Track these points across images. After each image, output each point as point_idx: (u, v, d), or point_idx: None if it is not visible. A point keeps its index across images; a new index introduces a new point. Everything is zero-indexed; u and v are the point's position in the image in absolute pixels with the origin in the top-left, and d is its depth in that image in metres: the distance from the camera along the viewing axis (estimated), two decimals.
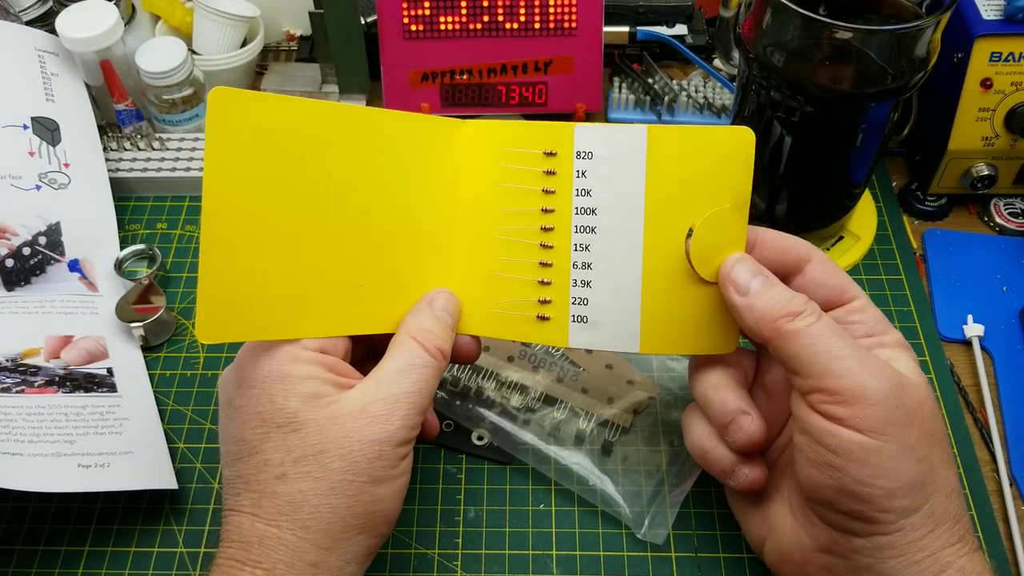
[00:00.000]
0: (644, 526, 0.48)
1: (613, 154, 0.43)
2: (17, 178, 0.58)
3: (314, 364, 0.39)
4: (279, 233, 0.40)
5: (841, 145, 0.54)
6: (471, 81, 0.68)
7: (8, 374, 0.52)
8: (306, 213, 0.41)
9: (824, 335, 0.37)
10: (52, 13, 0.68)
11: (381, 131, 0.42)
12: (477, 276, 0.45)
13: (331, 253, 0.41)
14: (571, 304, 0.44)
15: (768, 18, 0.49)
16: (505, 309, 0.44)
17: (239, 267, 0.39)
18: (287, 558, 0.36)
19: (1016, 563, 0.47)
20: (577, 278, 0.44)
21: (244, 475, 0.38)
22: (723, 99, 0.70)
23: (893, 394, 0.36)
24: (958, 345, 0.57)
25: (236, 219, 0.39)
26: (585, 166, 0.43)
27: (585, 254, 0.44)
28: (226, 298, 0.39)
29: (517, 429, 0.51)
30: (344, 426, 0.37)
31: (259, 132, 0.39)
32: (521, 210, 0.44)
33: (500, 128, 0.45)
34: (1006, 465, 0.51)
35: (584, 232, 0.44)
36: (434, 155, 0.44)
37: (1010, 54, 0.56)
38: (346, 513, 0.37)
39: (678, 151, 0.42)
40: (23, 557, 0.49)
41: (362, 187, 0.42)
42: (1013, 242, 0.62)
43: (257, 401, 0.38)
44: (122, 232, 0.63)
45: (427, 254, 0.44)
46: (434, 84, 0.68)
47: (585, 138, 0.43)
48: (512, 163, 0.44)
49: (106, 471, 0.48)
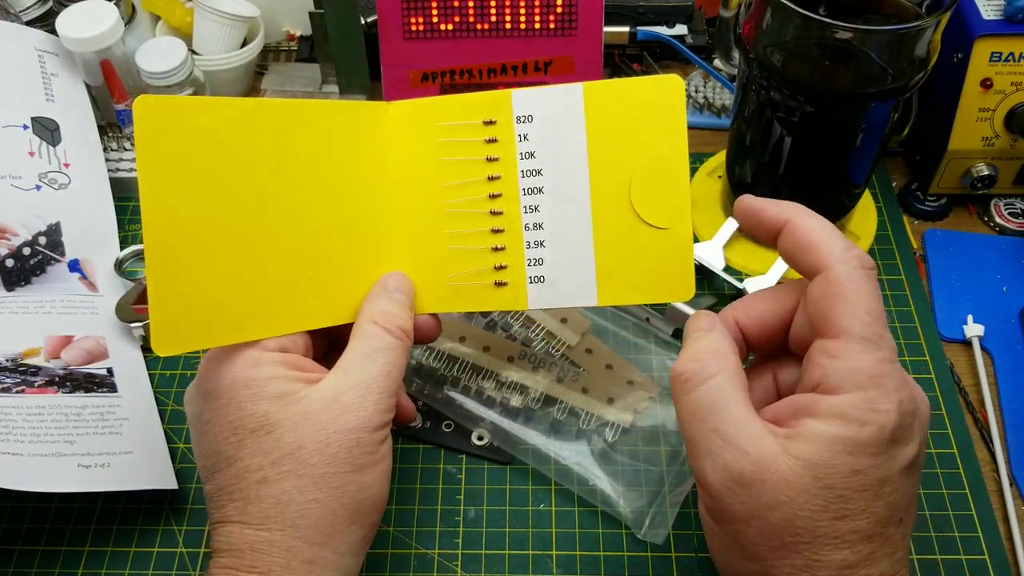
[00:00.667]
0: (644, 526, 0.48)
1: (552, 114, 0.43)
2: (17, 178, 0.58)
3: (276, 364, 0.38)
4: (222, 235, 0.40)
5: (841, 145, 0.54)
6: (471, 81, 0.68)
7: (8, 374, 0.52)
8: (246, 212, 0.40)
9: (689, 410, 0.36)
10: (52, 13, 0.68)
11: (307, 122, 0.42)
12: (429, 253, 0.45)
13: (276, 250, 0.41)
14: (527, 266, 0.44)
15: (768, 18, 0.49)
16: (461, 280, 0.45)
17: (187, 275, 0.39)
18: (281, 559, 0.36)
19: (1016, 563, 0.47)
20: (530, 239, 0.44)
21: (225, 486, 0.37)
22: (723, 99, 0.70)
23: (728, 489, 0.34)
24: (958, 345, 0.57)
25: (177, 227, 0.39)
26: (526, 129, 0.44)
27: (535, 215, 0.44)
28: (178, 309, 0.38)
29: (517, 429, 0.51)
30: (318, 420, 0.37)
31: (188, 136, 0.39)
32: (466, 181, 0.44)
33: (431, 105, 0.45)
34: (1006, 465, 0.51)
35: (532, 194, 0.44)
36: (364, 140, 0.44)
37: (1010, 54, 0.56)
38: (334, 505, 0.37)
39: (614, 104, 0.43)
40: (23, 557, 0.49)
41: (298, 180, 0.42)
42: (1013, 242, 0.62)
43: (225, 411, 0.37)
44: (122, 232, 0.63)
45: (373, 239, 0.44)
46: (434, 84, 0.68)
47: (523, 103, 0.44)
48: (450, 136, 0.44)
49: (106, 471, 0.48)
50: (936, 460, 0.51)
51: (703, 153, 0.68)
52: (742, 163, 0.58)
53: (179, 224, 0.38)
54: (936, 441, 0.52)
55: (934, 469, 0.51)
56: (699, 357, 0.36)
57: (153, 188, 0.38)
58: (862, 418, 0.33)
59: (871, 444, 0.33)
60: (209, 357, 0.39)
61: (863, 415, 0.33)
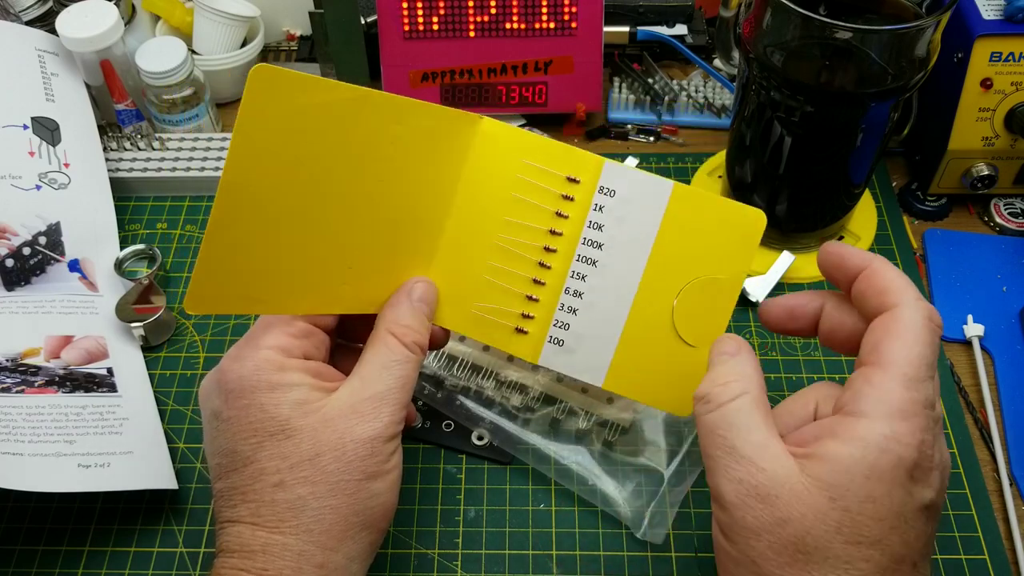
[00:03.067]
0: (644, 526, 0.48)
1: (635, 198, 0.44)
2: (17, 178, 0.58)
3: (301, 371, 0.39)
4: (285, 210, 0.40)
5: (841, 145, 0.54)
6: (471, 81, 0.68)
7: (8, 374, 0.52)
8: (314, 192, 0.41)
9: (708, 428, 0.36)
10: (52, 13, 0.68)
11: (402, 119, 0.43)
12: (466, 275, 0.45)
13: (327, 234, 0.41)
14: (552, 325, 0.45)
15: (768, 18, 0.49)
16: (485, 312, 0.45)
17: (240, 242, 0.39)
18: (293, 562, 0.36)
19: (1016, 563, 0.47)
20: (565, 303, 0.45)
21: (239, 486, 0.38)
22: (723, 99, 0.70)
23: (741, 501, 0.34)
24: (958, 345, 0.57)
25: (249, 194, 0.39)
26: (604, 201, 0.44)
27: (580, 283, 0.45)
28: (222, 271, 0.39)
29: (517, 429, 0.51)
30: (336, 428, 0.38)
31: (291, 110, 0.39)
32: (528, 224, 0.45)
33: (522, 137, 0.45)
34: (1006, 465, 0.51)
35: (585, 263, 0.45)
36: (447, 146, 0.44)
37: (1010, 54, 0.56)
38: (347, 512, 0.37)
39: (695, 214, 0.44)
40: (23, 557, 0.49)
41: (371, 172, 0.42)
42: (1013, 242, 0.62)
43: (247, 412, 0.38)
44: (122, 232, 0.63)
45: (418, 243, 0.45)
46: (434, 84, 0.68)
47: (612, 175, 0.44)
48: (530, 176, 0.45)
49: (106, 471, 0.48)
50: None
51: (703, 153, 0.68)
52: (742, 163, 0.59)
53: (252, 192, 0.39)
54: None
55: None
56: (723, 380, 0.37)
57: (242, 153, 0.38)
58: (882, 445, 0.33)
59: (888, 472, 0.33)
60: (232, 356, 0.40)
61: (883, 443, 0.33)
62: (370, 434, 0.38)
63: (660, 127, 0.70)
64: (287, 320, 0.41)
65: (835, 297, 0.40)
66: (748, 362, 0.38)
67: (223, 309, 0.40)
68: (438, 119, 0.44)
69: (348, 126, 0.41)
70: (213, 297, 0.39)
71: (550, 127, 0.69)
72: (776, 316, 0.41)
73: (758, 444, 0.35)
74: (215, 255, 0.38)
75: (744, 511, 0.34)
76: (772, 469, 0.34)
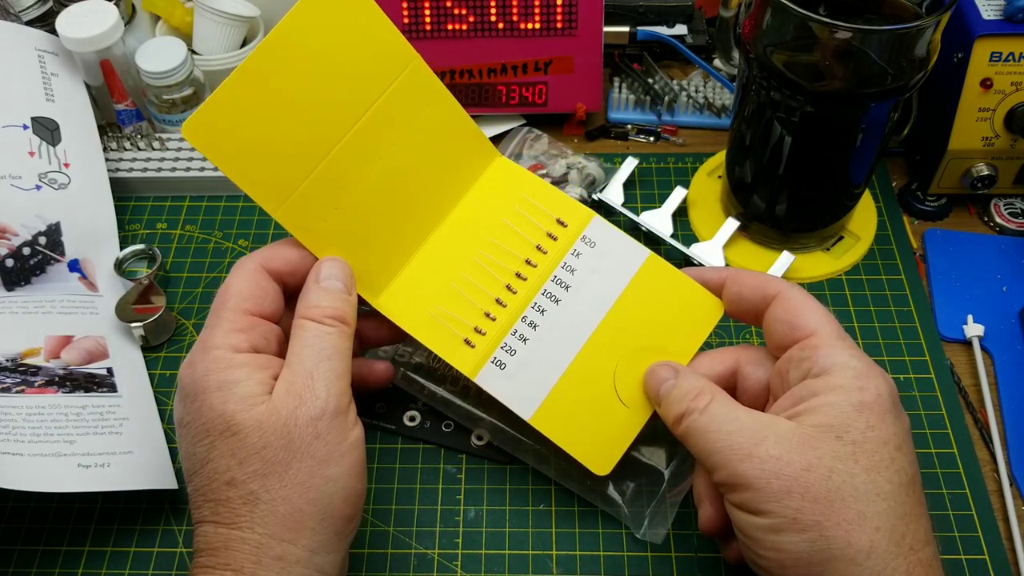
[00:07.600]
0: (644, 526, 0.48)
1: (610, 254, 0.47)
2: (17, 178, 0.58)
3: (248, 366, 0.39)
4: (299, 115, 0.42)
5: (841, 145, 0.54)
6: (471, 81, 0.68)
7: (8, 374, 0.52)
8: (329, 116, 0.43)
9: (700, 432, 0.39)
10: (52, 13, 0.68)
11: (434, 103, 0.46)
12: (437, 275, 0.47)
13: (328, 162, 0.43)
14: (499, 347, 0.46)
15: (768, 18, 0.49)
16: (442, 317, 0.46)
17: (252, 108, 0.41)
18: (252, 556, 0.37)
19: (1016, 563, 0.47)
20: (519, 330, 0.46)
21: (201, 487, 0.38)
22: (723, 99, 0.70)
23: (761, 470, 0.37)
24: (958, 345, 0.57)
25: (275, 77, 0.41)
26: (583, 249, 0.48)
27: (538, 315, 0.46)
28: (225, 121, 0.41)
29: (517, 429, 0.51)
30: (279, 416, 0.38)
31: (341, 24, 0.42)
32: (509, 250, 0.47)
33: (528, 178, 0.49)
34: (1006, 465, 0.51)
35: (549, 298, 0.47)
36: (462, 163, 0.48)
37: (1010, 54, 0.56)
38: (300, 501, 0.37)
39: (661, 285, 0.47)
40: (23, 557, 0.49)
41: (387, 131, 0.44)
42: (1013, 242, 0.62)
43: (200, 414, 0.38)
44: (122, 232, 0.63)
45: (406, 230, 0.46)
46: None
47: (597, 229, 0.48)
48: (524, 209, 0.48)
49: (106, 471, 0.48)
50: (936, 460, 0.51)
51: (703, 153, 0.68)
52: (742, 163, 0.59)
53: (278, 75, 0.42)
54: (936, 441, 0.52)
55: (934, 469, 0.51)
56: (692, 393, 0.41)
57: (281, 38, 0.41)
58: (859, 384, 0.38)
59: (875, 405, 0.37)
60: (187, 362, 0.40)
61: (858, 383, 0.38)
62: (311, 414, 0.38)
63: (660, 127, 0.70)
64: (231, 317, 0.41)
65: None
66: (692, 374, 0.43)
67: (209, 152, 0.41)
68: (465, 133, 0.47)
69: (384, 71, 0.43)
70: (207, 135, 0.41)
71: (550, 127, 0.69)
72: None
73: (753, 422, 0.39)
74: (229, 101, 0.41)
75: (769, 478, 0.36)
76: (776, 433, 0.37)
